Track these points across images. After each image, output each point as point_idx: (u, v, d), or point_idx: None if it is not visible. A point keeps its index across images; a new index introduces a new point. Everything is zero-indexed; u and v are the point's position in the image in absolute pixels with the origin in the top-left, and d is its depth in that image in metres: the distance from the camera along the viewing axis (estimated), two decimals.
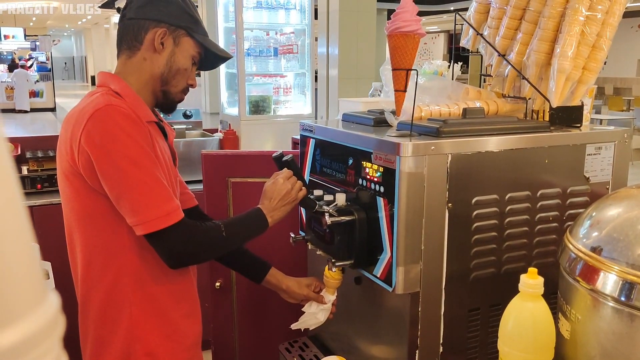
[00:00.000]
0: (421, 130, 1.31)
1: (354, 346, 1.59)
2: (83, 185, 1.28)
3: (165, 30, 1.36)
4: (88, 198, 1.30)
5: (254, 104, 3.37)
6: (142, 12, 1.35)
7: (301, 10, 3.47)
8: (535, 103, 1.54)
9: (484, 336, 1.38)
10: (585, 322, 0.94)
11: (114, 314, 1.36)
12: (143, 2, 1.36)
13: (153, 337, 1.39)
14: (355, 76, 6.33)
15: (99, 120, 1.23)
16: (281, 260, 2.16)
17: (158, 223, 1.24)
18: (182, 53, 1.39)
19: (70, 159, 1.28)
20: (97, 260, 1.35)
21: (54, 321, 0.36)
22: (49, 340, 0.35)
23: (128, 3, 1.38)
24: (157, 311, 1.39)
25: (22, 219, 0.37)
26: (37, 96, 15.71)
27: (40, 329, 0.34)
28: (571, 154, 1.42)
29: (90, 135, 1.23)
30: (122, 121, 1.24)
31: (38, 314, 0.35)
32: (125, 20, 1.37)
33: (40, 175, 2.73)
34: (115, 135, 1.23)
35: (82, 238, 1.35)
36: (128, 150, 1.23)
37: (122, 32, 1.38)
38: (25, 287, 0.36)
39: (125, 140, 1.23)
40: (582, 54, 1.41)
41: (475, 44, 1.71)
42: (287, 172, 1.50)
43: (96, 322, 1.38)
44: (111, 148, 1.23)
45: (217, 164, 2.15)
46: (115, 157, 1.23)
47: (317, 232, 1.53)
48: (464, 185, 1.28)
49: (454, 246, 1.29)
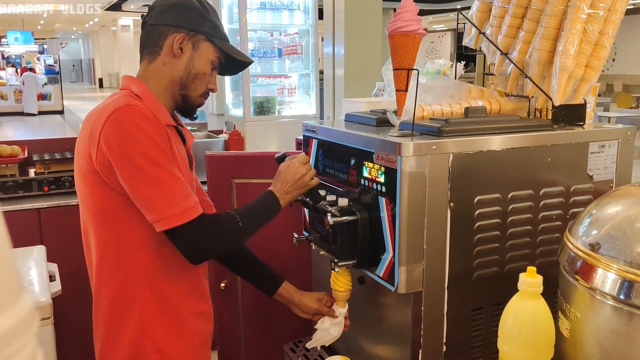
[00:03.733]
0: (423, 130, 1.31)
1: (358, 346, 1.59)
2: (98, 182, 1.30)
3: (184, 35, 1.38)
4: (102, 194, 1.32)
5: (258, 105, 3.37)
6: (162, 18, 1.39)
7: (305, 10, 3.48)
8: (538, 101, 1.53)
9: (487, 335, 1.38)
10: (584, 320, 0.94)
11: (124, 309, 1.38)
12: (164, 8, 1.39)
13: (162, 334, 1.40)
14: (361, 76, 6.34)
15: (118, 120, 1.26)
16: (285, 261, 2.17)
17: (177, 219, 1.26)
18: (201, 58, 1.42)
19: (87, 156, 1.30)
20: (110, 256, 1.37)
21: (29, 319, 0.37)
22: (23, 338, 0.36)
23: (150, 10, 1.41)
24: (166, 309, 1.41)
25: None
26: (45, 99, 15.82)
27: (13, 327, 0.35)
28: (574, 152, 1.41)
29: (108, 134, 1.25)
30: (139, 121, 1.26)
31: (11, 312, 0.36)
32: (147, 26, 1.41)
33: (48, 178, 2.75)
34: (133, 134, 1.25)
35: (95, 234, 1.37)
36: (146, 149, 1.25)
37: (144, 38, 1.42)
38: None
39: (143, 139, 1.26)
40: (585, 52, 1.41)
41: (478, 42, 1.70)
42: (304, 156, 1.52)
43: (107, 317, 1.39)
44: (129, 147, 1.25)
45: (222, 165, 2.16)
46: (133, 156, 1.25)
47: (320, 232, 1.54)
48: (466, 184, 1.28)
49: (457, 245, 1.29)
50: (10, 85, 15.61)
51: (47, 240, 2.43)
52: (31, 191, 2.72)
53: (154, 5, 1.41)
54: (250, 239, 1.56)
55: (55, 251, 2.12)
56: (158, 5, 1.41)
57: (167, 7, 1.39)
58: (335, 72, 6.54)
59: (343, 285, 1.52)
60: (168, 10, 1.39)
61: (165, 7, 1.39)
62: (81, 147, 1.33)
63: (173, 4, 1.40)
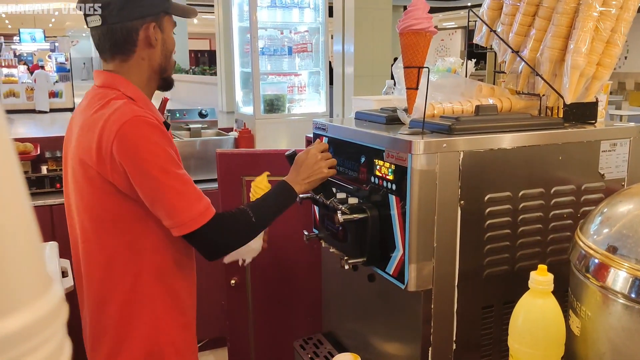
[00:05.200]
0: (433, 128, 1.31)
1: (368, 343, 1.60)
2: (110, 191, 1.32)
3: (154, 24, 1.38)
4: (112, 202, 1.34)
5: (268, 102, 3.38)
6: (126, 14, 1.35)
7: (315, 8, 3.48)
8: (549, 100, 1.53)
9: (497, 333, 1.38)
10: (595, 319, 0.94)
11: (137, 308, 1.41)
12: (122, 2, 1.35)
13: (174, 328, 1.46)
14: (371, 73, 6.33)
15: (129, 133, 1.28)
16: (295, 258, 2.18)
17: (194, 223, 1.31)
18: (169, 35, 1.43)
19: (96, 167, 1.31)
20: (119, 261, 1.39)
21: (58, 309, 0.38)
22: (52, 328, 0.37)
23: (104, 6, 1.34)
24: (176, 304, 1.46)
25: (25, 211, 0.39)
26: (57, 96, 15.91)
27: (43, 317, 0.36)
28: (585, 151, 1.41)
29: (122, 147, 1.28)
30: (150, 132, 1.30)
31: (41, 302, 0.37)
32: (109, 25, 1.35)
33: (60, 175, 2.77)
34: (145, 146, 1.29)
35: (100, 240, 1.39)
36: (158, 159, 1.29)
37: (110, 36, 1.37)
38: (28, 277, 0.38)
39: (155, 149, 1.29)
40: (596, 50, 1.40)
41: (489, 40, 1.70)
42: (322, 144, 1.53)
43: (117, 319, 1.42)
44: (144, 158, 1.28)
45: (232, 162, 2.17)
46: (148, 167, 1.28)
47: (330, 229, 1.54)
48: (476, 182, 1.28)
49: (467, 243, 1.29)
50: (22, 83, 15.72)
51: (59, 236, 2.44)
52: (43, 188, 2.74)
53: (105, 1, 1.34)
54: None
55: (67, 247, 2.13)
56: (108, 0, 1.34)
57: (125, 0, 1.35)
58: (345, 70, 6.53)
59: (260, 191, 1.59)
60: (127, 3, 1.35)
61: (123, 1, 1.35)
62: (84, 156, 1.33)
63: None
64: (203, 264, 2.56)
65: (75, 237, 1.47)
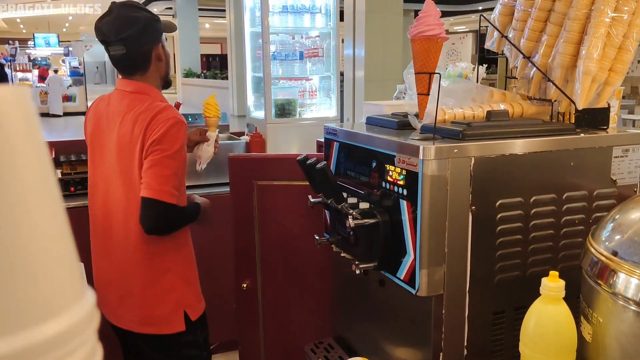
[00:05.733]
0: (445, 133, 1.31)
1: (379, 348, 1.60)
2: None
3: (160, 44, 1.85)
4: None
5: (280, 107, 3.40)
6: (142, 41, 1.78)
7: (326, 13, 3.49)
8: (561, 105, 1.53)
9: (509, 339, 1.37)
10: (607, 325, 0.94)
11: (161, 270, 1.82)
12: (138, 31, 1.76)
13: (190, 289, 1.89)
14: (381, 78, 6.34)
15: (173, 132, 1.73)
16: (306, 262, 2.19)
17: (161, 195, 1.69)
18: (165, 47, 1.88)
19: (139, 154, 1.73)
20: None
21: (91, 314, 0.40)
22: (86, 332, 0.38)
23: (125, 38, 1.75)
24: (188, 268, 1.90)
25: (63, 217, 0.40)
26: (70, 100, 16.07)
27: (79, 321, 0.38)
28: (597, 157, 1.40)
29: (160, 141, 1.72)
30: (183, 135, 1.77)
31: (78, 307, 0.38)
32: (131, 53, 1.78)
33: (74, 178, 2.80)
34: (176, 143, 1.74)
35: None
36: (177, 154, 1.74)
37: (132, 59, 1.80)
38: (67, 282, 0.39)
39: (179, 147, 1.75)
40: (608, 56, 1.40)
41: (500, 46, 1.70)
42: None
43: (148, 279, 1.81)
44: (169, 148, 1.72)
45: (244, 167, 2.18)
46: (167, 154, 1.72)
47: (341, 234, 1.55)
48: (487, 188, 1.28)
49: (478, 249, 1.29)
50: (36, 87, 15.90)
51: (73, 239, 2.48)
52: None
53: (126, 35, 1.74)
54: (272, 241, 1.64)
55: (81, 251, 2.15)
56: (128, 34, 1.74)
57: (139, 31, 1.76)
58: (355, 74, 6.54)
59: (212, 113, 2.19)
60: (142, 35, 1.77)
61: (137, 32, 1.75)
62: (128, 141, 1.75)
63: (142, 27, 1.76)
64: (214, 269, 2.58)
65: (106, 202, 1.85)
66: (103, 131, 1.87)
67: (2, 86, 0.36)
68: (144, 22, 1.76)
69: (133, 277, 1.82)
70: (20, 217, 0.35)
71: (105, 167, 1.85)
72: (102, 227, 1.87)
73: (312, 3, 3.44)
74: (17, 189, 0.35)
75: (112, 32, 1.74)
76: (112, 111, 1.85)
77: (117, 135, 1.80)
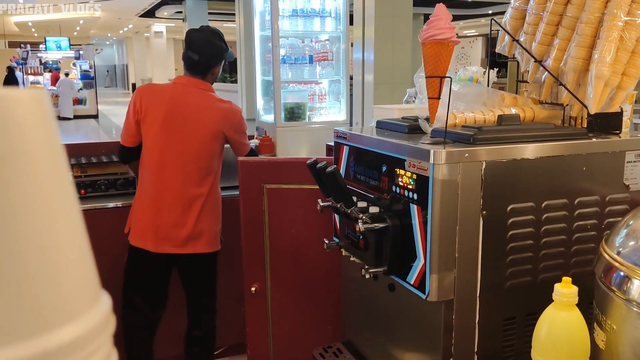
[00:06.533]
0: (455, 138, 1.31)
1: (388, 353, 1.59)
2: (222, 145, 2.39)
3: (219, 66, 2.46)
4: (221, 148, 2.40)
5: (289, 110, 3.40)
6: (212, 56, 2.39)
7: (336, 17, 3.49)
8: (573, 109, 1.52)
9: (519, 345, 1.36)
10: (620, 332, 0.93)
11: (215, 205, 2.39)
12: (214, 51, 2.39)
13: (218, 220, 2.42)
14: (390, 81, 6.33)
15: (242, 118, 2.47)
16: (316, 266, 2.18)
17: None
18: (219, 69, 2.49)
19: (218, 130, 2.33)
20: (211, 174, 2.35)
21: (106, 320, 0.39)
22: (102, 338, 0.38)
23: (201, 46, 2.37)
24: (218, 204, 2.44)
25: (79, 221, 0.40)
26: (81, 103, 16.19)
27: (95, 327, 0.37)
28: (610, 162, 1.39)
29: (242, 126, 2.46)
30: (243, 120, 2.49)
31: (93, 312, 0.38)
32: (202, 58, 2.37)
33: (84, 181, 2.81)
34: (243, 126, 2.47)
35: (201, 162, 2.31)
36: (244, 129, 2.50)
37: (199, 64, 2.38)
38: (83, 287, 0.39)
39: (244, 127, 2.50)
40: (621, 60, 1.39)
41: (512, 50, 1.69)
42: None
43: (206, 210, 2.33)
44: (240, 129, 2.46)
45: (253, 170, 2.19)
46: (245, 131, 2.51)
47: (351, 238, 1.54)
48: (499, 192, 1.27)
49: (489, 254, 1.28)
50: (47, 90, 16.02)
51: None
52: None
53: (203, 51, 2.36)
54: (281, 244, 1.62)
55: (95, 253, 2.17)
56: (206, 47, 2.37)
57: (216, 51, 2.39)
58: (365, 78, 6.54)
59: None
60: (216, 55, 2.40)
61: (214, 50, 2.39)
62: (219, 125, 2.34)
63: (220, 49, 2.40)
64: (223, 272, 2.57)
65: (177, 175, 2.29)
66: (171, 107, 2.37)
67: (20, 90, 0.36)
68: (218, 49, 2.40)
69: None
70: (38, 221, 0.35)
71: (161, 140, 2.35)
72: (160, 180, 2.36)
73: (322, 7, 3.44)
74: (35, 193, 0.35)
75: (196, 44, 2.35)
76: (184, 97, 2.39)
77: (193, 119, 2.36)
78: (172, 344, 2.62)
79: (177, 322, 2.53)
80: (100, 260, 1.63)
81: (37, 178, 0.36)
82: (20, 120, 0.35)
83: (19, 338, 0.33)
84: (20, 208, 0.34)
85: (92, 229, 1.64)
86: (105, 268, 2.26)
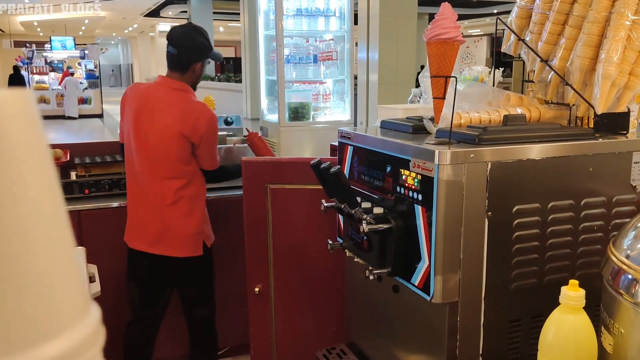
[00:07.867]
0: (460, 138, 1.29)
1: (392, 355, 1.58)
2: (187, 148, 2.27)
3: (202, 63, 2.37)
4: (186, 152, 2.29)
5: (293, 110, 3.39)
6: (193, 53, 2.33)
7: (341, 16, 3.48)
8: (580, 109, 1.50)
9: (525, 348, 1.35)
10: (628, 336, 0.92)
11: (196, 208, 2.35)
12: (191, 45, 2.34)
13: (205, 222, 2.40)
14: (395, 81, 6.31)
15: (209, 123, 2.28)
16: (319, 267, 2.17)
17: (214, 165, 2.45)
18: (203, 68, 2.41)
19: (185, 133, 2.23)
20: (190, 181, 2.31)
21: (96, 333, 0.38)
22: (91, 352, 0.37)
23: (179, 40, 2.33)
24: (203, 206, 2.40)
25: (66, 227, 0.39)
26: (86, 103, 16.23)
27: (84, 340, 0.36)
28: (617, 162, 1.38)
29: (201, 130, 2.25)
30: (216, 125, 2.34)
31: (82, 325, 0.37)
32: (180, 53, 2.32)
33: (88, 181, 2.81)
34: (214, 132, 2.33)
35: (175, 169, 2.27)
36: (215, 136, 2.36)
37: (178, 60, 2.33)
38: (70, 300, 0.37)
39: (216, 127, 2.35)
40: (629, 59, 1.37)
41: (517, 49, 1.68)
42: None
43: (184, 213, 2.31)
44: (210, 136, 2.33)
45: (257, 170, 2.18)
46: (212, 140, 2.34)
47: (355, 239, 1.53)
48: (504, 193, 1.26)
49: (494, 255, 1.27)
50: (53, 90, 16.07)
51: (87, 241, 2.48)
52: (72, 194, 2.78)
53: (182, 39, 2.32)
54: (285, 245, 1.61)
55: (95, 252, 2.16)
56: (185, 40, 2.33)
57: (194, 45, 2.34)
58: (369, 77, 6.52)
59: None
60: (195, 49, 2.34)
61: (193, 44, 2.34)
62: (177, 126, 2.24)
63: (198, 43, 2.34)
64: (226, 273, 2.57)
65: (144, 170, 2.30)
66: (141, 111, 2.36)
67: (5, 90, 0.35)
68: (197, 43, 2.35)
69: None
70: (24, 228, 0.34)
71: (133, 141, 2.35)
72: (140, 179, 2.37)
73: (327, 6, 3.43)
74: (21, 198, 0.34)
75: (175, 38, 2.33)
76: (155, 98, 2.36)
77: (159, 120, 2.31)
78: (173, 344, 2.61)
79: (177, 322, 2.53)
80: (103, 260, 1.63)
81: (23, 182, 0.34)
82: (4, 122, 0.34)
83: (6, 353, 0.32)
84: (5, 214, 0.33)
85: (95, 228, 1.65)
86: (108, 267, 2.26)
